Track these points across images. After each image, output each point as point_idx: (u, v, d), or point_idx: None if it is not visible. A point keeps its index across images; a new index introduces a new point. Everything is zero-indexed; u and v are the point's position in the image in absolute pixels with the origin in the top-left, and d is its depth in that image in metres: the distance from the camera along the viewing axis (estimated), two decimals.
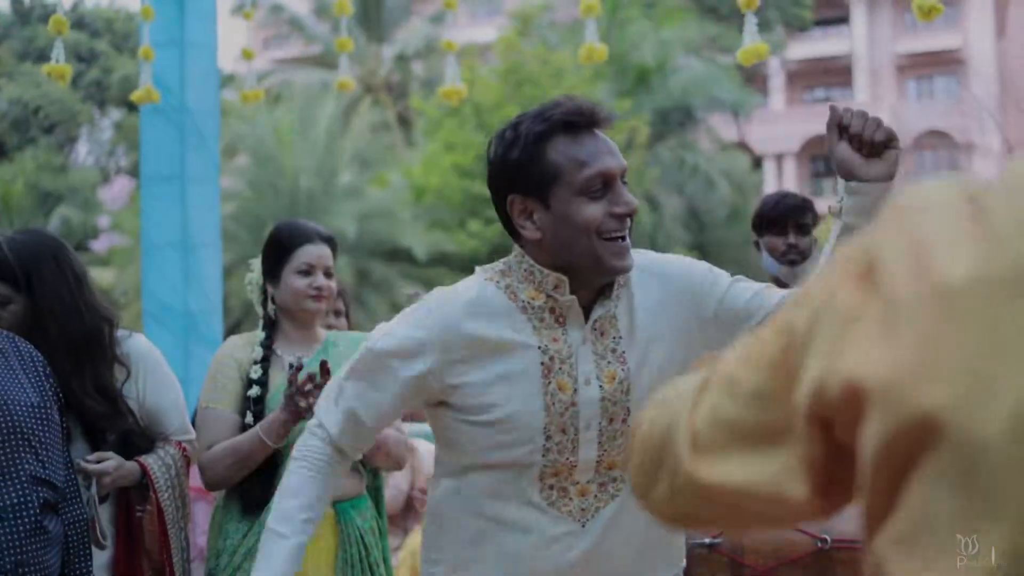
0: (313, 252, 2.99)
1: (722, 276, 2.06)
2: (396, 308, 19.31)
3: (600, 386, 1.94)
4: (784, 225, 3.60)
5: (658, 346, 1.99)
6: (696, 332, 2.01)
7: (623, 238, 1.91)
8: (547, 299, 1.95)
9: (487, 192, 2.06)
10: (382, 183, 20.34)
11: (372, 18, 25.11)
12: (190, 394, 3.53)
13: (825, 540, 3.02)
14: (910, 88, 39.19)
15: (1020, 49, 39.67)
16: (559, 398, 1.92)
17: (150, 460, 2.80)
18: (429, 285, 19.73)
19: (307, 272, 2.98)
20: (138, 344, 2.87)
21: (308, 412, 2.69)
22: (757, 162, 33.31)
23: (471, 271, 2.07)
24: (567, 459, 1.94)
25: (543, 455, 1.93)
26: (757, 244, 3.71)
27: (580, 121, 1.91)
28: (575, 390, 1.93)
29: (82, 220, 23.94)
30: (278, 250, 3.01)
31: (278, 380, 2.92)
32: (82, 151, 30.17)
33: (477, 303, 1.95)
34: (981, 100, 36.88)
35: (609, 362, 1.96)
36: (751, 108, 25.76)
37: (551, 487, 1.96)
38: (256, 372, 2.92)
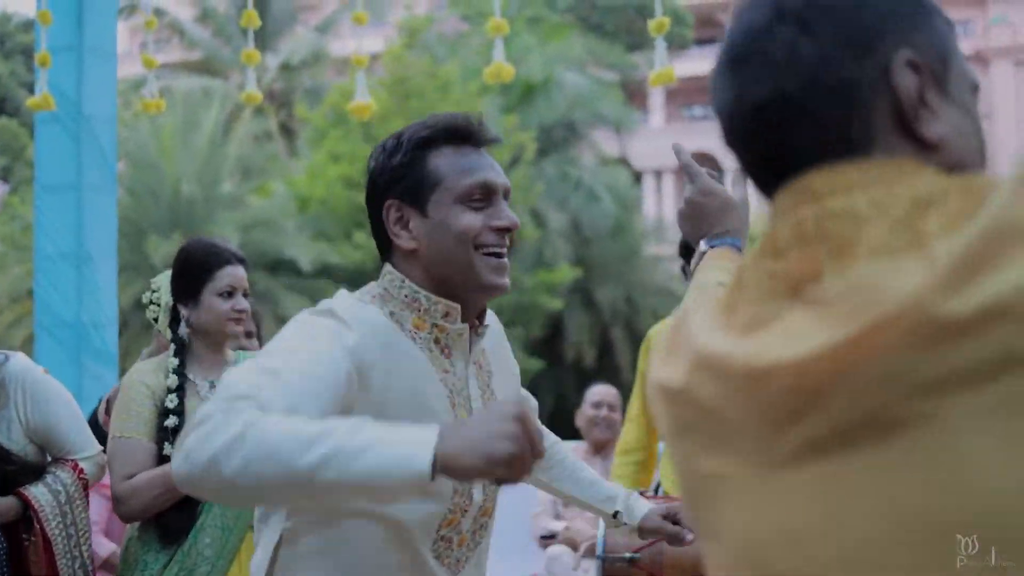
0: (234, 274, 2.94)
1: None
2: (281, 320, 19.03)
3: None
4: None
5: (510, 386, 2.02)
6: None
7: (501, 255, 1.83)
8: (432, 328, 1.82)
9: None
10: (265, 193, 20.09)
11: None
12: (84, 409, 3.45)
13: None
14: None
15: None
16: None
17: (34, 491, 2.74)
18: (314, 297, 19.54)
19: (229, 294, 2.93)
20: (13, 366, 2.78)
21: None
22: (637, 177, 33.85)
23: (357, 283, 1.92)
24: (464, 501, 1.83)
25: (452, 497, 1.80)
26: (684, 270, 3.72)
27: (466, 133, 1.86)
28: None
29: None
30: (197, 271, 2.94)
31: (195, 406, 2.81)
32: None
33: (375, 330, 1.74)
34: None
35: (488, 398, 1.90)
36: (632, 124, 26.18)
37: (443, 538, 1.83)
38: (172, 401, 2.83)
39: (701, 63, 39.21)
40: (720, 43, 1.10)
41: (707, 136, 38.65)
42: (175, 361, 2.92)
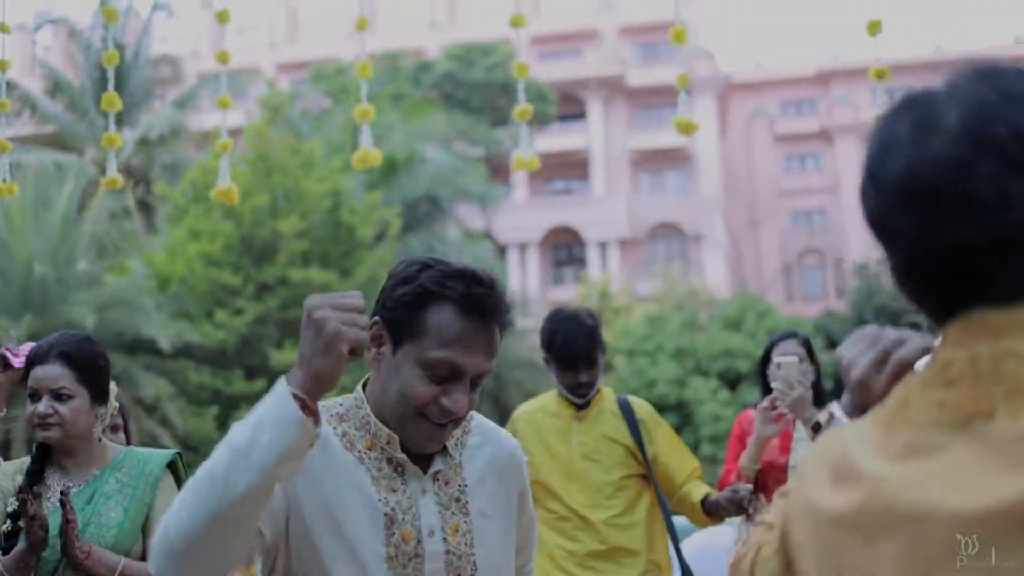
0: (39, 375, 2.78)
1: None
2: (141, 403, 18.36)
3: (444, 539, 1.87)
4: (576, 367, 3.73)
5: (498, 503, 1.97)
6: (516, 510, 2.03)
7: (442, 427, 1.84)
8: (382, 451, 1.86)
9: (234, 281, 1.97)
10: (122, 271, 19.57)
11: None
12: None
13: None
14: (643, 181, 41.41)
15: (739, 147, 42.66)
16: (403, 549, 1.82)
17: None
18: (173, 378, 19.05)
19: (33, 396, 2.78)
20: None
21: (44, 545, 2.56)
22: (502, 251, 34.15)
23: (218, 363, 1.95)
24: (408, 548, 1.83)
25: (385, 544, 1.81)
26: (547, 361, 3.82)
27: (474, 307, 1.81)
28: (418, 541, 1.84)
29: None
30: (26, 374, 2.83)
31: (48, 512, 2.68)
32: None
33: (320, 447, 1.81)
34: (707, 194, 39.36)
35: (453, 513, 1.89)
36: (496, 199, 26.47)
37: None
38: (11, 505, 2.71)
39: (563, 139, 40.06)
40: (580, 120, 1.04)
41: (568, 210, 39.39)
42: (30, 464, 2.80)
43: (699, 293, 31.77)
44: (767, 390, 4.14)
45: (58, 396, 2.77)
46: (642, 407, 3.87)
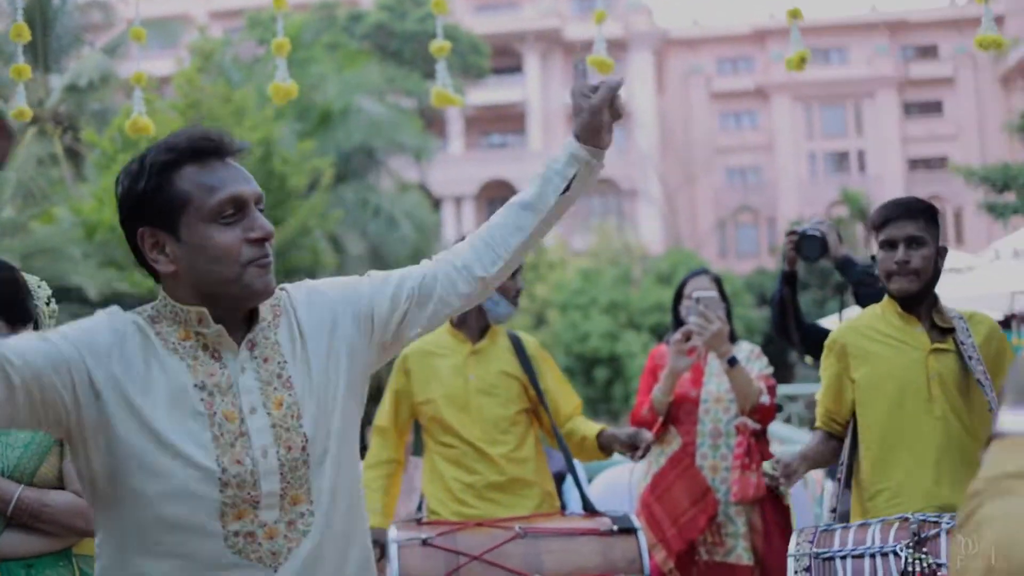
0: None
1: (375, 275, 2.11)
2: None
3: (268, 413, 1.87)
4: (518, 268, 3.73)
5: (331, 369, 1.97)
6: (367, 345, 2.03)
7: (266, 263, 1.87)
8: (196, 336, 1.87)
9: None
10: (49, 219, 19.23)
11: (39, 46, 23.77)
12: None
13: None
14: None
15: (675, 104, 42.83)
16: (227, 428, 1.83)
17: None
18: None
19: None
20: None
21: None
22: (436, 204, 34.07)
23: None
24: (248, 493, 1.82)
25: (220, 490, 1.80)
26: None
27: (209, 148, 1.87)
28: (241, 420, 1.85)
29: None
30: None
31: None
32: None
33: (124, 341, 1.84)
34: (643, 150, 39.53)
35: (275, 388, 1.89)
36: (431, 152, 26.35)
37: (236, 533, 1.82)
38: None
39: (499, 92, 39.94)
40: (516, 73, 1.03)
41: (503, 164, 39.35)
42: None
43: (633, 248, 32.02)
44: (679, 326, 4.23)
45: None
46: (531, 342, 3.91)
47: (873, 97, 42.37)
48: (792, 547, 2.69)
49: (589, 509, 3.58)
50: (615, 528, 3.34)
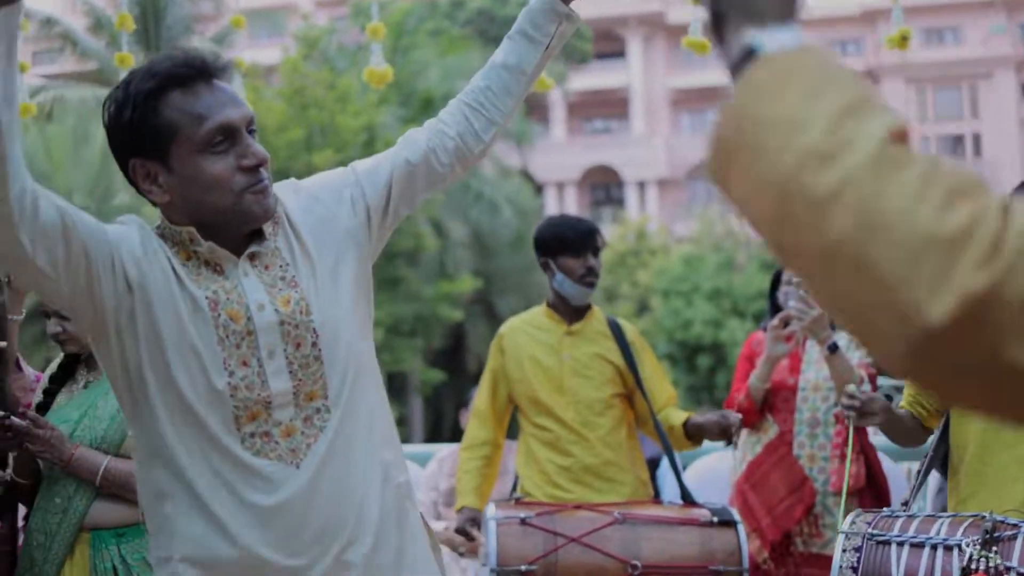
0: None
1: (362, 164, 2.07)
2: None
3: (276, 310, 1.86)
4: (584, 248, 3.71)
5: (334, 263, 1.95)
6: (366, 232, 2.01)
7: (262, 188, 1.84)
8: (196, 255, 1.86)
9: None
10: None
11: (151, 36, 24.38)
12: None
13: (636, 566, 3.13)
14: (683, 121, 41.00)
15: None
16: (232, 328, 1.83)
17: None
18: None
19: (45, 315, 3.01)
20: None
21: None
22: (538, 189, 34.07)
23: None
24: (258, 394, 1.83)
25: (231, 394, 1.82)
26: (546, 265, 3.78)
27: (192, 73, 1.83)
28: (248, 318, 1.84)
29: None
30: None
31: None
32: None
33: (147, 248, 1.85)
34: None
35: (280, 289, 1.88)
36: (533, 137, 26.34)
37: (252, 435, 1.83)
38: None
39: (602, 77, 39.73)
40: (618, 58, 1.01)
41: (606, 149, 39.17)
42: (55, 370, 3.03)
43: (737, 234, 31.59)
44: (777, 312, 4.14)
45: (62, 315, 2.89)
46: (630, 329, 3.86)
47: (990, 78, 41.05)
48: (846, 524, 2.50)
49: (687, 499, 3.52)
50: (714, 520, 3.28)
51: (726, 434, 3.56)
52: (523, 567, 3.09)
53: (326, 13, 36.51)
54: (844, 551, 2.45)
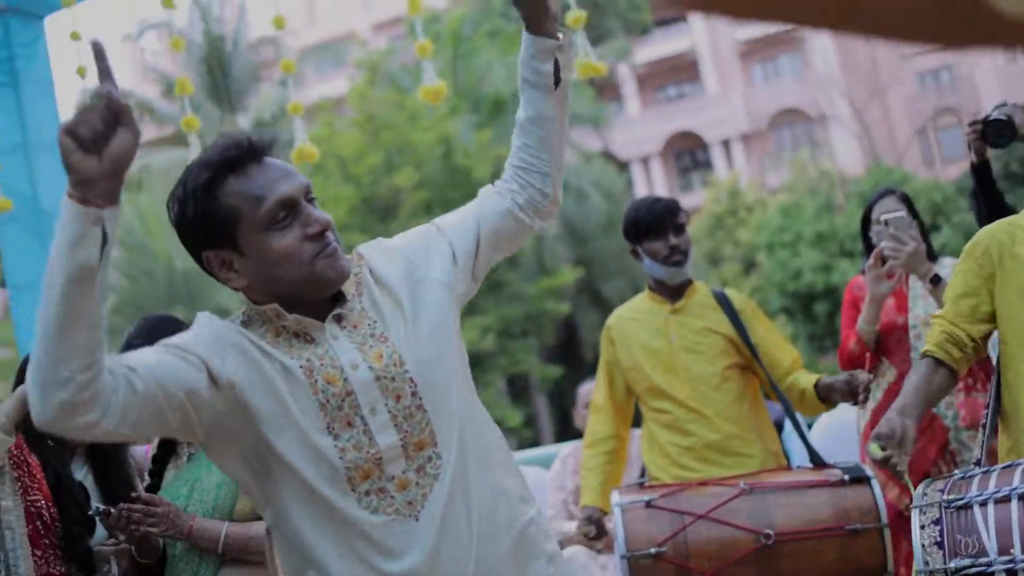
0: None
1: (446, 220, 2.10)
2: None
3: (370, 367, 1.87)
4: (663, 228, 3.69)
5: (423, 313, 1.96)
6: (460, 281, 2.03)
7: (332, 252, 1.87)
8: (283, 329, 1.89)
9: (363, 241, 2.05)
10: None
11: (221, 89, 24.89)
12: None
13: (768, 535, 3.07)
14: (756, 72, 40.30)
15: None
16: (331, 392, 1.85)
17: None
18: None
19: None
20: None
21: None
22: (624, 167, 33.86)
23: None
24: (367, 452, 1.84)
25: (340, 456, 1.83)
26: (635, 252, 3.79)
27: (241, 155, 1.86)
28: (344, 379, 1.86)
29: None
30: None
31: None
32: None
33: (222, 336, 1.88)
34: (823, 72, 38.17)
35: (371, 346, 1.89)
36: (609, 117, 26.20)
37: (367, 492, 1.85)
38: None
39: (666, 44, 39.30)
40: (679, 22, 0.88)
41: (684, 115, 38.72)
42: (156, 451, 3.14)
43: (831, 174, 30.95)
44: (871, 252, 4.03)
45: None
46: (738, 298, 3.80)
47: None
48: (917, 497, 2.30)
49: (816, 461, 3.43)
50: (846, 478, 3.18)
51: (854, 395, 3.46)
52: (653, 550, 3.04)
53: (384, 35, 36.83)
54: (923, 527, 2.25)
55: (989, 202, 3.81)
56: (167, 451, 3.04)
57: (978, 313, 2.67)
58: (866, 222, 4.22)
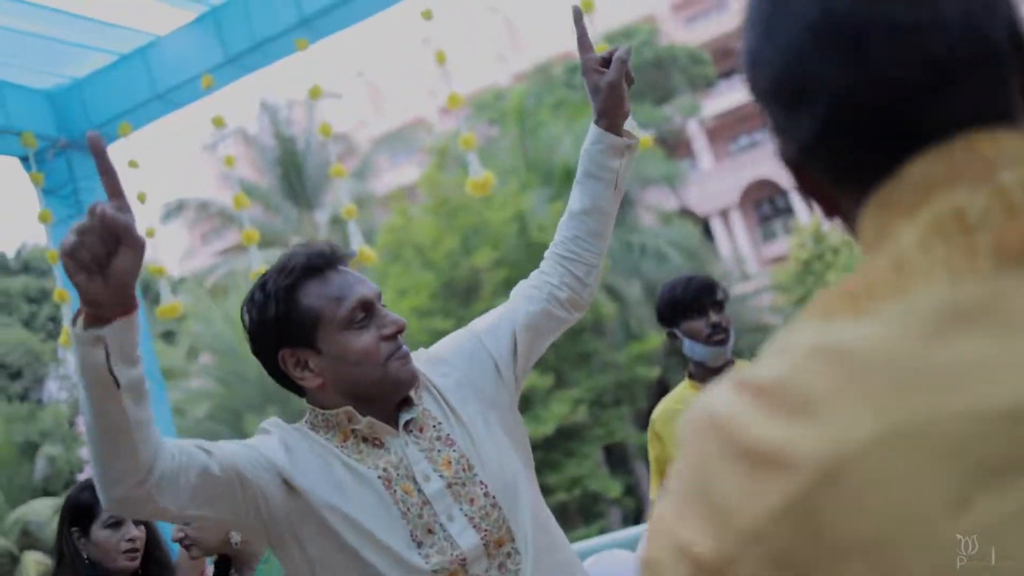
0: None
1: (480, 324, 2.16)
2: None
3: (440, 476, 1.92)
4: (702, 306, 3.53)
5: (479, 415, 2.01)
6: (504, 381, 2.08)
7: (404, 354, 1.94)
8: (354, 434, 1.93)
9: (447, 325, 2.07)
10: None
11: (296, 187, 25.41)
12: None
13: None
14: None
15: None
16: (410, 502, 1.89)
17: None
18: None
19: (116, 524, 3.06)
20: None
21: None
22: (705, 224, 33.65)
23: None
24: (451, 555, 1.87)
25: (426, 562, 1.85)
26: (672, 334, 3.62)
27: (322, 263, 1.96)
28: (419, 490, 1.90)
29: (65, 456, 23.70)
30: None
31: None
32: (52, 387, 30.07)
33: (292, 439, 1.94)
34: None
35: (439, 451, 1.95)
36: (682, 175, 26.10)
37: None
38: None
39: (730, 96, 39.20)
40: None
41: (759, 163, 38.46)
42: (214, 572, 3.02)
43: None
44: None
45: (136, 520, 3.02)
46: None
47: None
48: None
49: None
50: None
51: None
52: None
53: (451, 116, 37.32)
54: None
55: None
56: (223, 564, 3.00)
57: None
58: None
